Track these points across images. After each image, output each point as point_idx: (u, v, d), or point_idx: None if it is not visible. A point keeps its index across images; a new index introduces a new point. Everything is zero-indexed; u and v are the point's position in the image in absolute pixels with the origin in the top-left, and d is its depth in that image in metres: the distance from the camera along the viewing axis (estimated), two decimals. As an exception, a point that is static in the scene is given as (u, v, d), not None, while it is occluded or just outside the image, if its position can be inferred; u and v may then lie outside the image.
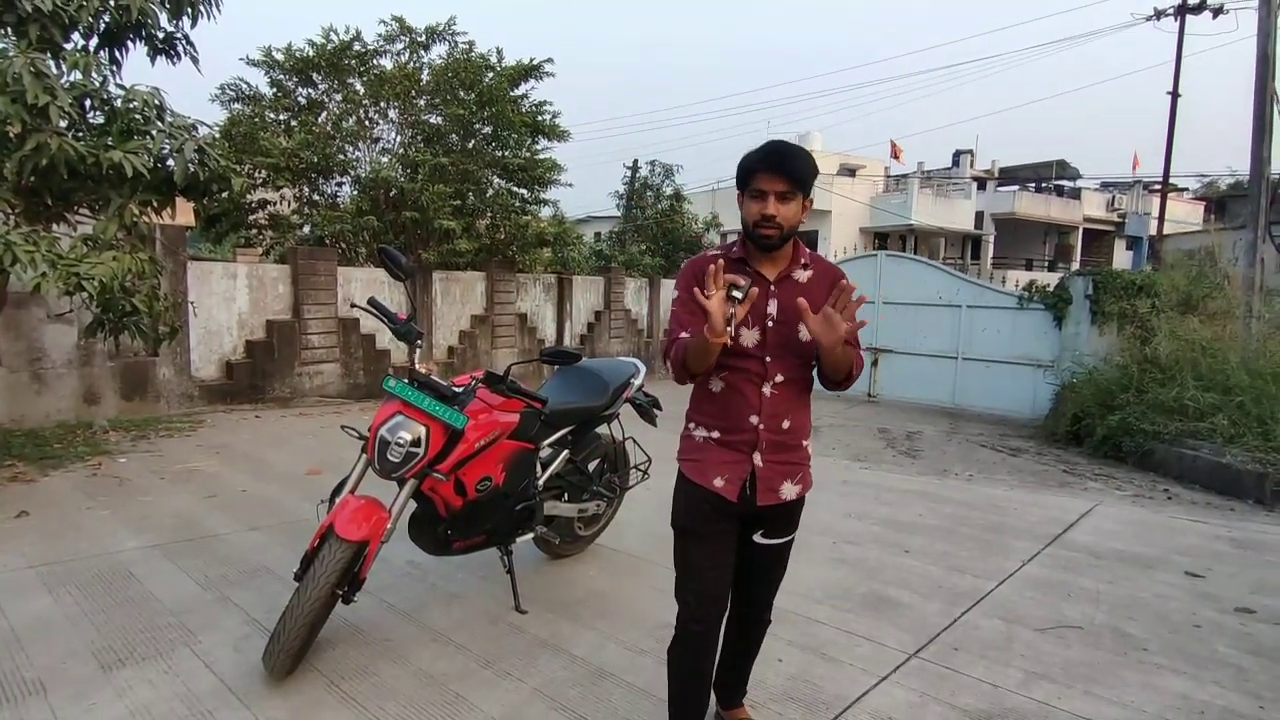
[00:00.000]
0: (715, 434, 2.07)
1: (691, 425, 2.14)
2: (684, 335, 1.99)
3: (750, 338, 2.01)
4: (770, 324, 2.00)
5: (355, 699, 2.54)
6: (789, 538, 2.16)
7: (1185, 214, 30.71)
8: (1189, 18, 17.05)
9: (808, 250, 2.09)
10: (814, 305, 1.88)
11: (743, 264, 2.02)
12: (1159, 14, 17.38)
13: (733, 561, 2.10)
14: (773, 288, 2.01)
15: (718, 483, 2.03)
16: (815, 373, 2.06)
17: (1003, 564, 4.06)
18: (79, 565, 3.63)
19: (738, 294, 1.80)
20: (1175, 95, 17.37)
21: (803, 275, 2.04)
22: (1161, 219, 18.14)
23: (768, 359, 2.00)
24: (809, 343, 1.94)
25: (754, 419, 2.02)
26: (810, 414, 2.13)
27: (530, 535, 3.39)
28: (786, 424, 2.03)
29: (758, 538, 2.10)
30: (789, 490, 2.06)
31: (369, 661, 2.79)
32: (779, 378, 2.01)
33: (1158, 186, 20.42)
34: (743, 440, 2.03)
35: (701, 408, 2.11)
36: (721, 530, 2.08)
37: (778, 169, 1.91)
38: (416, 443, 2.70)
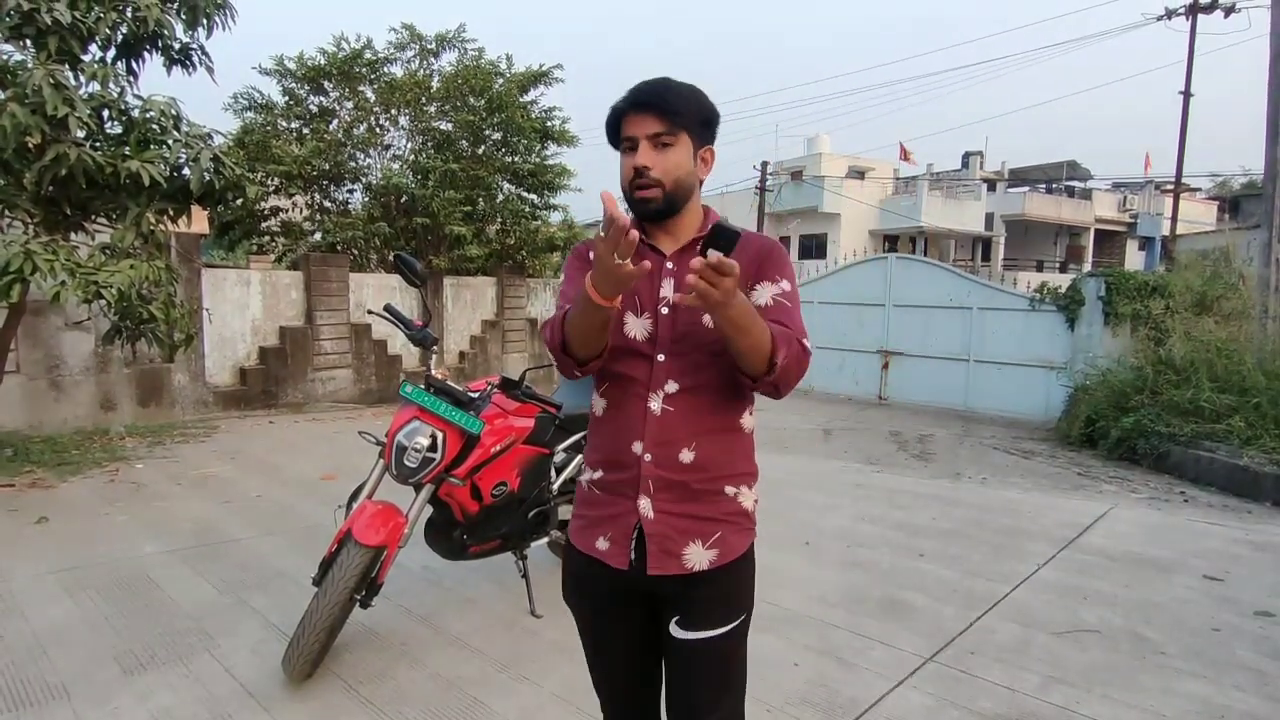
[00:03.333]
0: (599, 473, 1.52)
1: (584, 465, 1.59)
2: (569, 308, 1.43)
3: (638, 328, 1.46)
4: (665, 310, 1.45)
5: (374, 703, 2.56)
6: (725, 630, 1.45)
7: (1198, 214, 30.52)
8: (1201, 17, 16.97)
9: (723, 219, 1.50)
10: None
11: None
12: (1170, 13, 17.29)
13: (650, 655, 1.58)
14: (669, 264, 1.47)
15: (600, 545, 1.48)
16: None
17: (1018, 567, 4.04)
18: (99, 570, 3.67)
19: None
20: (1187, 95, 17.26)
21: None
22: (1174, 219, 18.04)
23: (659, 358, 1.44)
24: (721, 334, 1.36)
25: (637, 447, 1.44)
26: (746, 447, 1.53)
27: (545, 540, 3.41)
28: (688, 456, 1.42)
29: (675, 629, 1.46)
30: (697, 556, 1.43)
31: (387, 665, 2.81)
32: (672, 386, 1.43)
33: (1170, 187, 20.30)
34: (625, 480, 1.46)
35: (591, 438, 1.58)
36: (619, 611, 1.54)
37: (646, 105, 1.40)
38: (433, 448, 2.72)
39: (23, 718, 2.42)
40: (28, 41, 4.84)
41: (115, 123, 5.25)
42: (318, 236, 11.17)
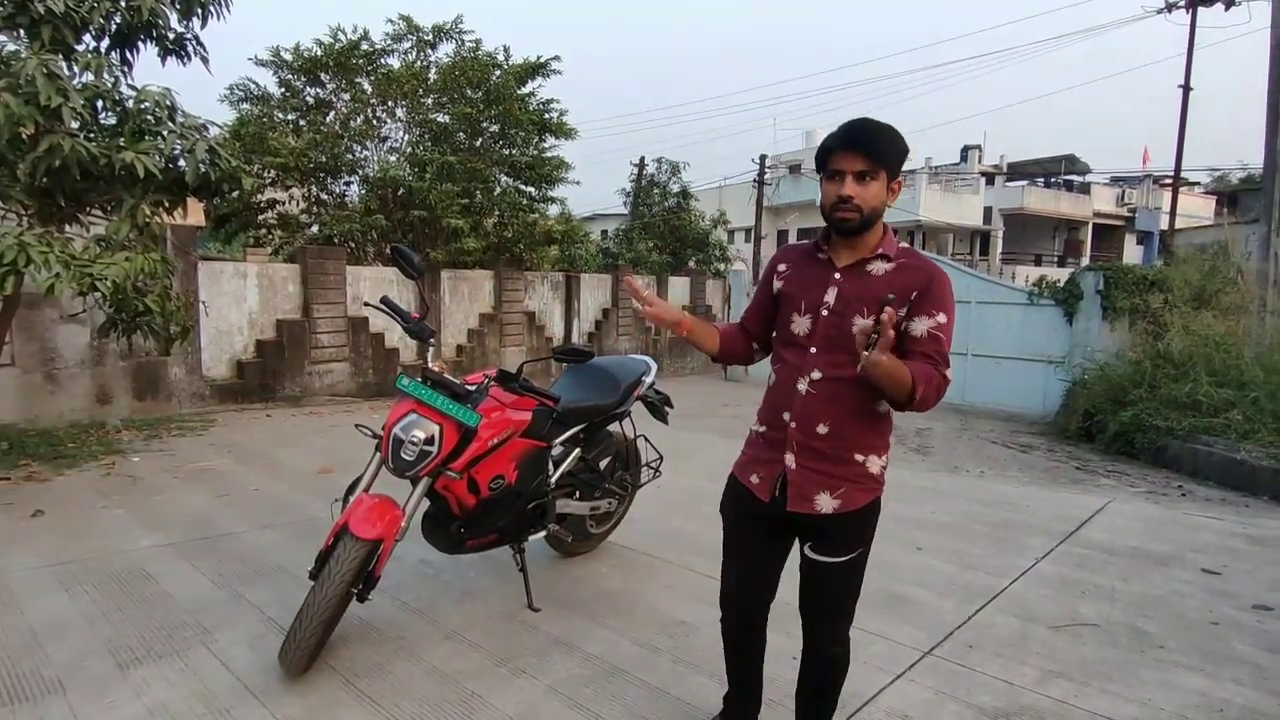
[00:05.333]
0: (763, 428, 1.99)
1: (756, 418, 2.05)
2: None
3: (801, 325, 1.89)
4: (825, 313, 1.84)
5: (371, 697, 2.55)
6: (844, 559, 1.92)
7: (1197, 208, 30.51)
8: (1200, 10, 16.90)
9: (900, 244, 1.89)
10: (877, 301, 1.69)
11: (816, 249, 1.93)
12: (1170, 6, 17.24)
13: (770, 566, 2.04)
14: (837, 275, 1.86)
15: (753, 479, 1.96)
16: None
17: (1016, 561, 4.04)
18: (95, 564, 3.65)
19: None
20: (1187, 88, 17.21)
21: (880, 267, 1.84)
22: (1173, 213, 18.01)
23: (811, 350, 1.85)
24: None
25: (786, 416, 1.88)
26: (879, 425, 1.89)
27: (542, 533, 3.39)
28: (824, 429, 1.83)
29: (808, 550, 1.95)
30: (825, 503, 1.85)
31: (384, 659, 2.80)
32: (816, 374, 1.83)
33: (1169, 181, 20.26)
34: (778, 439, 1.91)
35: (763, 400, 2.03)
36: (756, 529, 2.00)
37: (855, 145, 1.75)
38: (430, 441, 2.70)
39: (18, 712, 2.41)
40: (21, 31, 4.79)
41: (109, 113, 5.19)
42: (315, 229, 11.13)
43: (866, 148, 1.74)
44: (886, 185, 1.78)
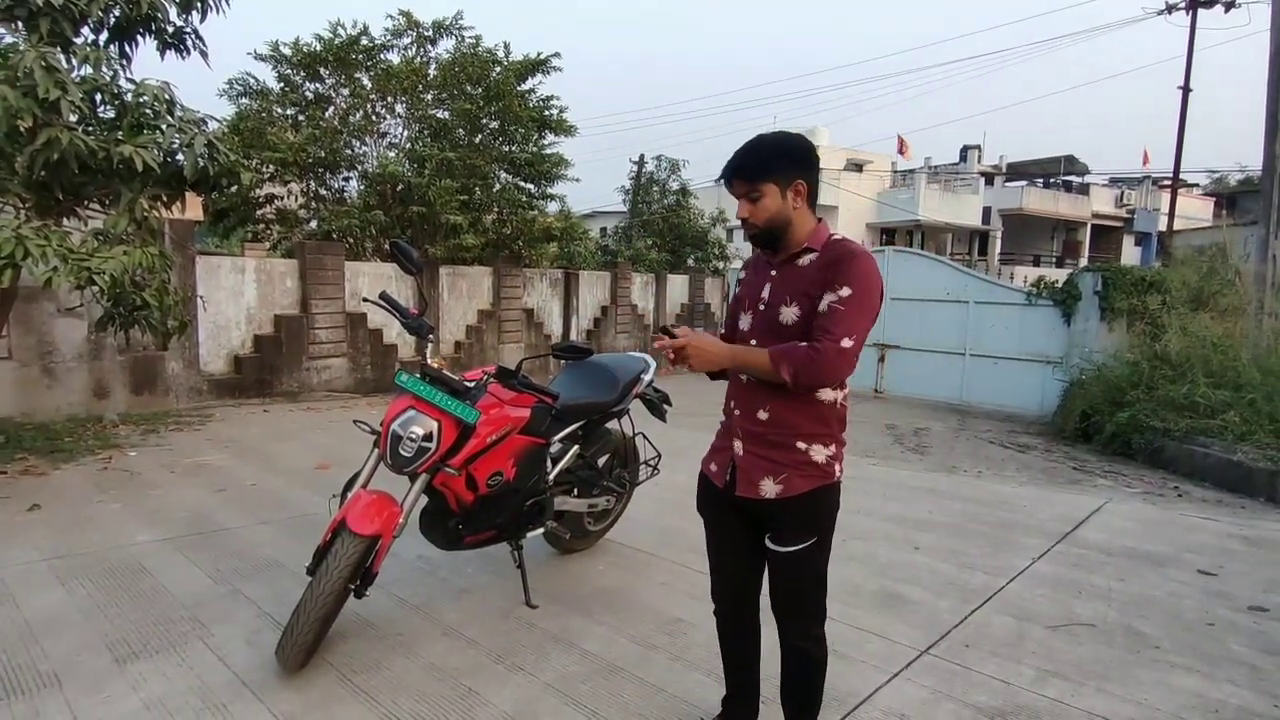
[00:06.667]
0: (723, 419, 2.13)
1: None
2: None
3: (745, 321, 2.04)
4: (761, 307, 1.99)
5: (368, 692, 2.54)
6: (794, 549, 1.94)
7: (1195, 210, 30.55)
8: (1201, 12, 16.92)
9: (830, 236, 1.94)
10: (801, 290, 1.89)
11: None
12: (1170, 8, 17.25)
13: (742, 557, 2.10)
14: (773, 272, 1.99)
15: (711, 467, 2.12)
16: None
17: (1013, 561, 4.04)
18: (91, 558, 3.65)
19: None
20: (1186, 90, 17.23)
21: (807, 259, 1.93)
22: (1172, 215, 18.02)
23: (751, 342, 1.98)
24: (791, 326, 1.89)
25: (733, 404, 2.05)
26: (822, 413, 1.93)
27: (540, 530, 3.40)
28: (764, 415, 1.93)
29: (766, 540, 2.00)
30: (768, 488, 1.92)
31: (381, 655, 2.80)
32: None
33: (1167, 182, 20.29)
34: (729, 427, 2.07)
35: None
36: (723, 519, 2.11)
37: (735, 173, 1.92)
38: (428, 438, 2.70)
39: (14, 706, 2.40)
40: (19, 23, 4.77)
41: (108, 107, 5.17)
42: (313, 225, 11.10)
43: (742, 174, 1.90)
44: (782, 193, 1.89)
